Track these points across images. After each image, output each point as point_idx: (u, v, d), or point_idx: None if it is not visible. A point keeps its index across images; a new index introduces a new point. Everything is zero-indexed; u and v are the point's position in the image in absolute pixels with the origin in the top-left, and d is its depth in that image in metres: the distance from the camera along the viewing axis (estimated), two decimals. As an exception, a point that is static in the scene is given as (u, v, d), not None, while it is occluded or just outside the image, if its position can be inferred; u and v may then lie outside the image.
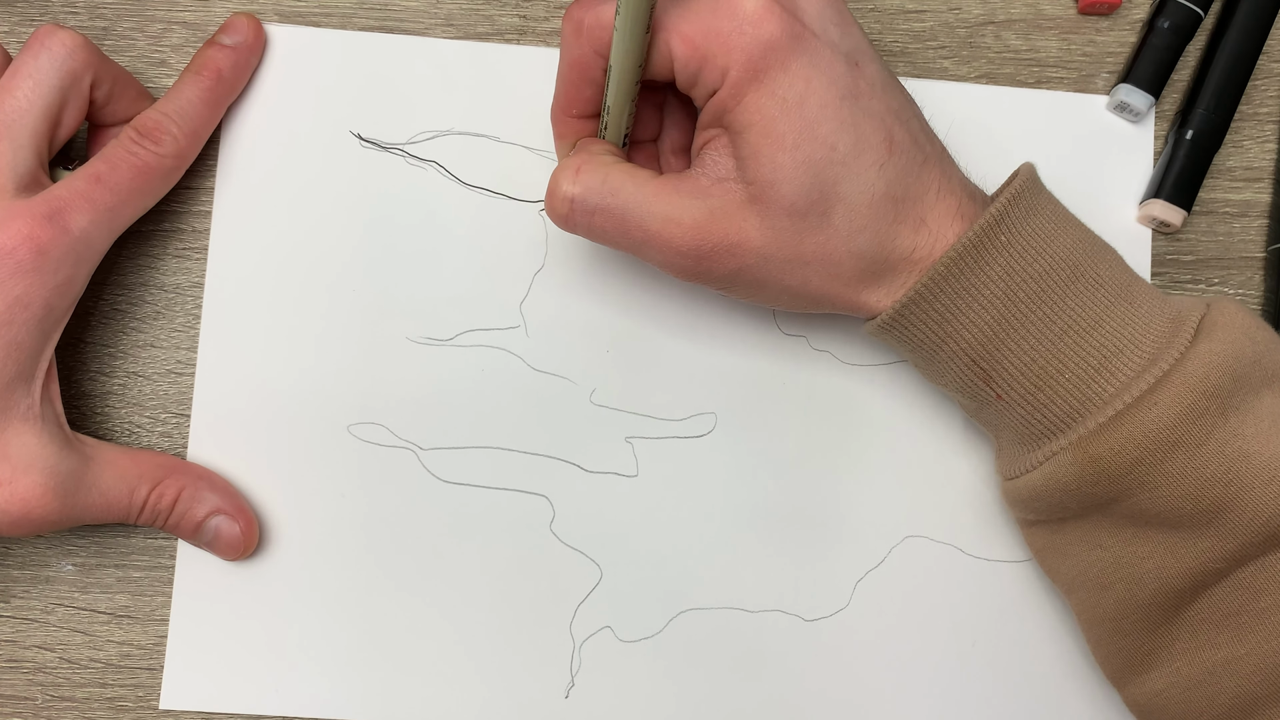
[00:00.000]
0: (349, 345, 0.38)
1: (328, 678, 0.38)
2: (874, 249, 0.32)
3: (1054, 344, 0.31)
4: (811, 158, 0.31)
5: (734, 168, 0.32)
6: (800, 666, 0.38)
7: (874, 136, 0.31)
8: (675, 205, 0.32)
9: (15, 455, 0.32)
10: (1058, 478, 0.32)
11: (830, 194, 0.31)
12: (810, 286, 0.32)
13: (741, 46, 0.30)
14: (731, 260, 0.32)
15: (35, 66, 0.33)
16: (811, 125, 0.31)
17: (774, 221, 0.31)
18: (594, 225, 0.33)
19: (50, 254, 0.32)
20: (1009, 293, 0.31)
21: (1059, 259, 0.31)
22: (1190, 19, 0.39)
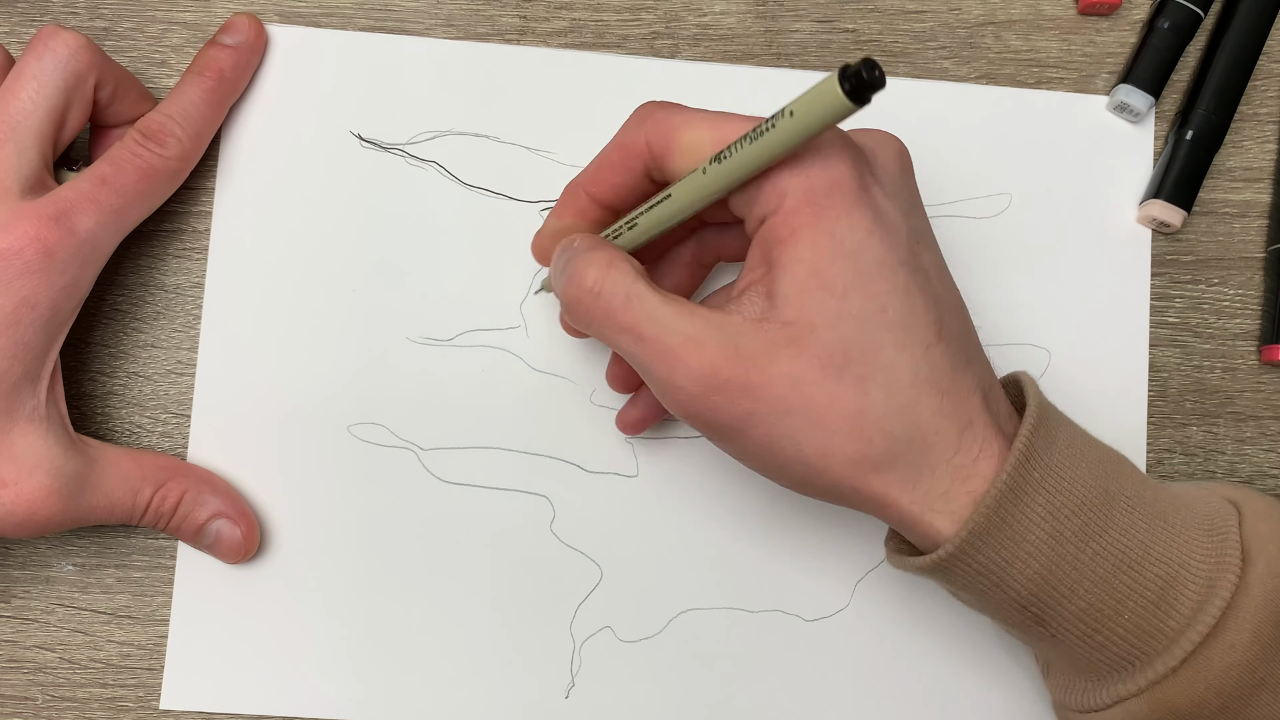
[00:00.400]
0: (349, 345, 0.39)
1: (328, 678, 0.38)
2: (911, 437, 0.28)
3: (1108, 583, 0.29)
4: (860, 311, 0.28)
5: (769, 308, 0.28)
6: (800, 666, 0.38)
7: (926, 315, 0.28)
8: (701, 329, 0.28)
9: (21, 456, 0.32)
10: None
11: (872, 359, 0.28)
12: (832, 459, 0.28)
13: (807, 175, 0.28)
14: (746, 401, 0.28)
15: (39, 68, 0.33)
16: (866, 278, 0.28)
17: (804, 370, 0.28)
18: (612, 322, 0.30)
19: (57, 255, 0.32)
20: (1055, 534, 0.28)
21: (1091, 487, 0.29)
22: (1190, 19, 0.39)
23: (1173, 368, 0.40)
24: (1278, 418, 0.40)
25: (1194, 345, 0.40)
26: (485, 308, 0.39)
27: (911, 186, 0.31)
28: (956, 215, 0.40)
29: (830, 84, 0.26)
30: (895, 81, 0.40)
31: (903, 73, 0.40)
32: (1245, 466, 0.40)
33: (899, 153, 0.31)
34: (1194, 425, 0.40)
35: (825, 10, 0.40)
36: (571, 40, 0.40)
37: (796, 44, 0.40)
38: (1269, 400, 0.40)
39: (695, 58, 0.40)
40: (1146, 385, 0.40)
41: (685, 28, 0.40)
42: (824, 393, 0.28)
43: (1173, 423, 0.40)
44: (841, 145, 0.28)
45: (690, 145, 0.30)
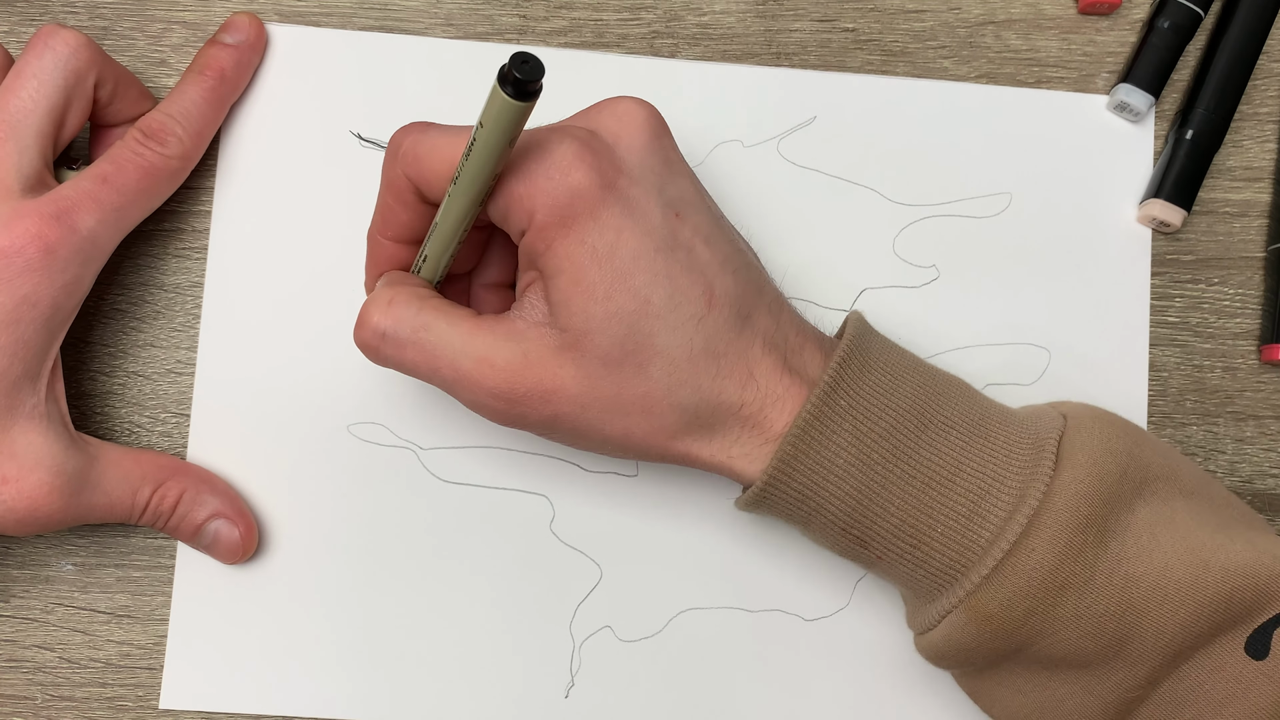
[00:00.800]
0: (349, 345, 0.38)
1: (328, 677, 0.38)
2: (697, 403, 0.30)
3: (919, 499, 0.31)
4: (624, 309, 0.29)
5: (548, 313, 0.30)
6: (800, 666, 0.38)
7: (692, 290, 0.30)
8: (489, 346, 0.30)
9: (22, 453, 0.33)
10: (956, 638, 0.31)
11: (646, 346, 0.30)
12: (633, 438, 0.31)
13: (548, 191, 0.29)
14: (546, 407, 0.30)
15: (39, 66, 0.34)
16: (623, 276, 0.29)
17: (589, 370, 0.30)
18: (404, 360, 0.31)
19: (58, 253, 0.32)
20: (863, 458, 0.30)
21: (903, 411, 0.31)
22: (1190, 19, 0.39)
23: (1173, 367, 0.40)
24: (1278, 417, 0.40)
25: (1194, 345, 0.40)
26: (485, 307, 0.39)
27: (665, 153, 0.31)
28: (956, 215, 0.40)
29: (494, 91, 0.27)
30: (895, 81, 0.40)
31: (903, 72, 0.40)
32: (1245, 466, 0.40)
33: (644, 122, 0.31)
34: (1194, 425, 0.40)
35: (825, 9, 0.40)
36: (571, 40, 0.40)
37: (796, 43, 0.40)
38: (1269, 400, 0.40)
39: (695, 57, 0.40)
40: (1146, 385, 0.40)
41: (685, 27, 0.40)
42: (610, 385, 0.30)
43: (1173, 422, 0.40)
44: (575, 150, 0.29)
45: (438, 168, 0.31)
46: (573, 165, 0.29)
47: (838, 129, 0.40)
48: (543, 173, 0.29)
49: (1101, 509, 0.30)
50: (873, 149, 0.40)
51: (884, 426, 0.31)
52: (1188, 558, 0.30)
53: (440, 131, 0.31)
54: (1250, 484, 0.40)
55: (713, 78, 0.40)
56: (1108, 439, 0.31)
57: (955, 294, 0.40)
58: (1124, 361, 0.40)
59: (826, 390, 0.30)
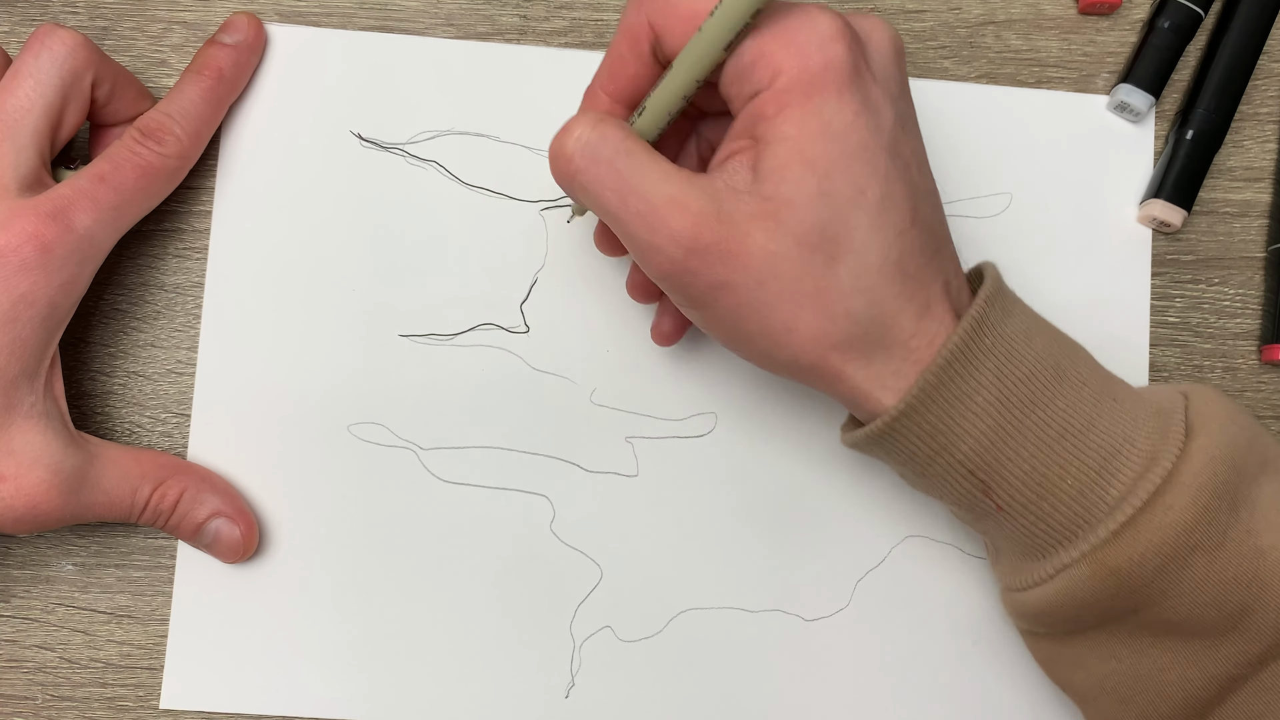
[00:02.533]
0: (349, 345, 0.39)
1: (328, 677, 0.38)
2: (872, 317, 0.29)
3: (1052, 449, 0.30)
4: (838, 191, 0.29)
5: (752, 180, 0.29)
6: (800, 666, 0.38)
7: (904, 201, 0.29)
8: (687, 190, 0.29)
9: (20, 451, 0.33)
10: (1073, 592, 0.30)
11: (844, 239, 0.29)
12: (795, 334, 0.30)
13: (803, 54, 0.28)
14: (722, 269, 0.29)
15: (36, 66, 0.34)
16: (849, 160, 0.29)
17: (780, 244, 0.29)
18: (597, 177, 0.30)
19: (55, 252, 0.32)
20: (1003, 398, 0.30)
21: (1042, 360, 0.30)
22: (1190, 19, 0.39)
23: (1173, 368, 0.40)
24: (1278, 417, 0.40)
25: (1194, 345, 0.40)
26: (485, 307, 0.39)
27: (902, 74, 0.31)
28: (956, 215, 0.40)
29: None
30: (895, 81, 0.40)
31: (903, 72, 0.40)
32: (1245, 466, 0.40)
33: (892, 39, 0.31)
34: (1194, 425, 0.40)
35: (825, 10, 0.40)
36: (571, 40, 0.40)
37: (796, 43, 0.40)
38: (1269, 400, 0.40)
39: (695, 57, 0.40)
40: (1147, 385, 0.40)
41: (685, 27, 0.40)
42: (795, 267, 0.29)
43: (1173, 422, 0.40)
44: (838, 29, 0.29)
45: (688, 15, 0.30)
46: (834, 38, 0.29)
47: (838, 129, 0.40)
48: (802, 35, 0.29)
49: (1234, 477, 0.30)
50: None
51: (1024, 370, 0.30)
52: None
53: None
54: (1250, 484, 0.40)
55: (713, 78, 0.40)
56: (1232, 413, 0.31)
57: (955, 294, 0.40)
58: (1124, 362, 0.40)
59: (973, 325, 0.30)
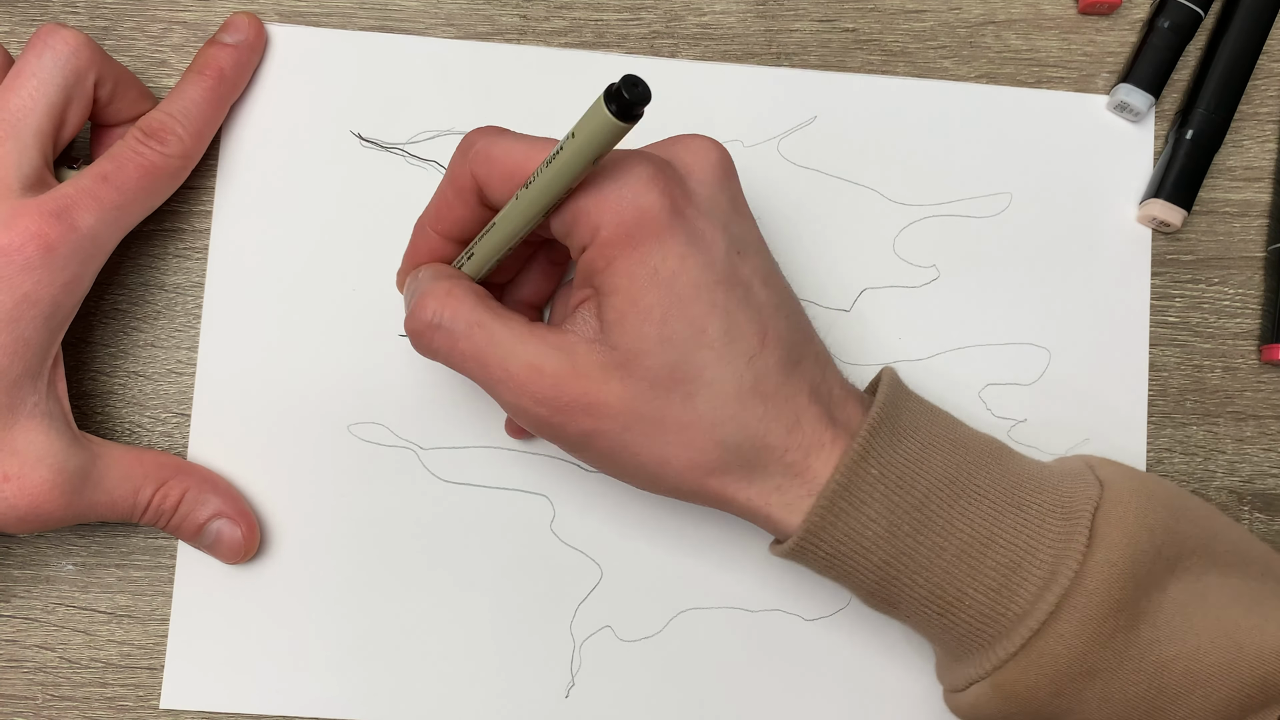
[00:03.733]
0: (349, 345, 0.39)
1: (328, 677, 0.38)
2: (741, 441, 0.30)
3: (950, 571, 0.30)
4: (678, 335, 0.29)
5: (600, 330, 0.30)
6: (800, 666, 0.38)
7: (748, 327, 0.30)
8: (540, 353, 0.30)
9: (24, 451, 0.33)
10: (981, 709, 0.31)
11: (695, 376, 0.29)
12: (670, 466, 0.30)
13: (618, 208, 0.29)
14: (588, 420, 0.30)
15: (39, 65, 0.34)
16: (682, 303, 0.29)
17: (636, 390, 0.29)
18: (454, 351, 0.31)
19: (58, 251, 0.32)
20: (893, 528, 0.30)
21: (936, 479, 0.30)
22: (1190, 19, 0.39)
23: (1173, 367, 0.40)
24: (1278, 417, 0.40)
25: (1194, 345, 0.40)
26: (485, 307, 0.39)
27: (732, 193, 0.32)
28: (956, 215, 0.40)
29: (598, 106, 0.27)
30: (895, 81, 0.40)
31: (903, 72, 0.40)
32: (1245, 466, 0.40)
33: (716, 162, 0.31)
34: (1194, 425, 0.40)
35: (825, 9, 0.40)
36: (571, 40, 0.40)
37: (797, 43, 0.40)
38: (1269, 400, 0.40)
39: (695, 57, 0.40)
40: (1146, 385, 0.40)
41: (685, 27, 0.40)
42: (655, 409, 0.30)
43: (1173, 422, 0.40)
44: (649, 173, 0.29)
45: (508, 172, 0.31)
46: (646, 187, 0.29)
47: (838, 129, 0.40)
48: (614, 190, 0.29)
49: (1134, 591, 0.29)
50: (873, 149, 0.40)
51: (916, 496, 0.30)
52: (1221, 640, 0.30)
53: (516, 138, 0.31)
54: (1250, 484, 0.40)
55: (713, 78, 0.40)
56: (1144, 513, 0.31)
57: (955, 294, 0.40)
58: (1124, 361, 0.40)
59: (856, 459, 0.30)
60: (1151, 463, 0.40)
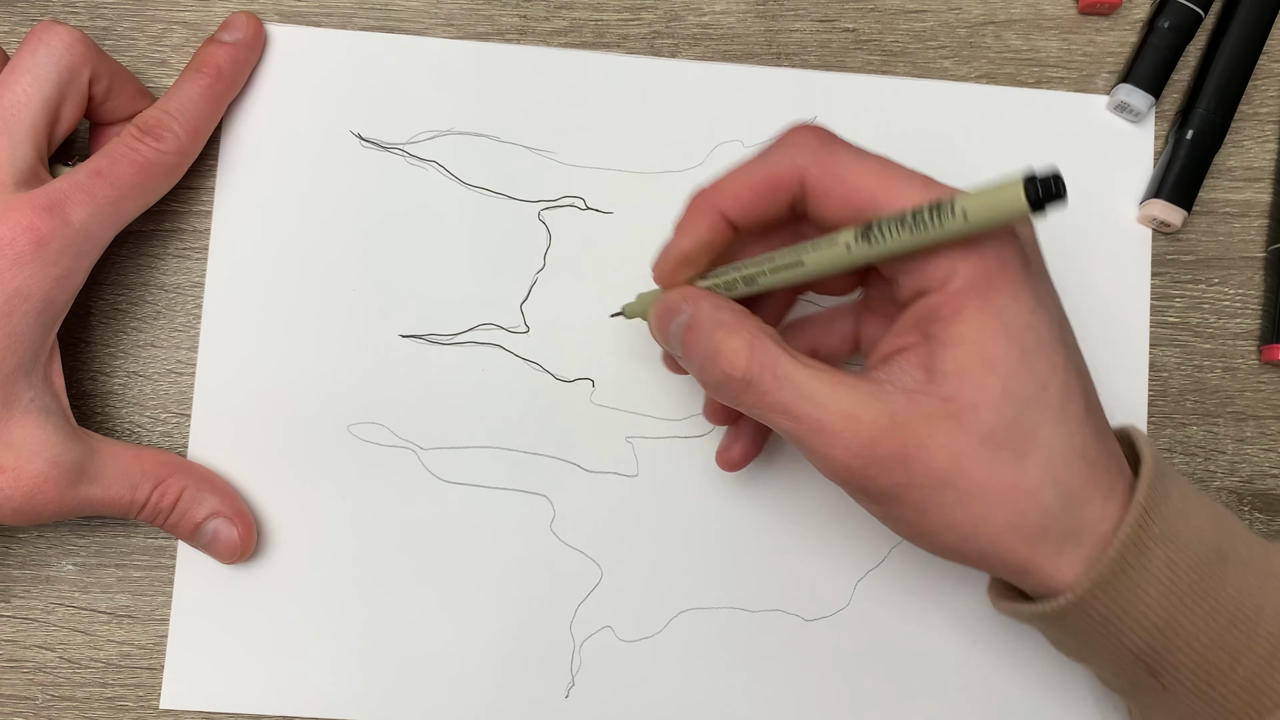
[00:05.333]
0: (349, 345, 0.39)
1: (328, 677, 0.38)
2: (1063, 507, 0.29)
3: (1222, 638, 0.29)
4: (1022, 391, 0.28)
5: (926, 380, 0.29)
6: (800, 666, 0.38)
7: (1078, 389, 0.29)
8: (857, 402, 0.28)
9: (20, 444, 0.33)
10: None
11: (1031, 435, 0.28)
12: (983, 530, 0.29)
13: (980, 257, 0.28)
14: (902, 474, 0.28)
15: (33, 62, 0.34)
16: (1029, 358, 0.28)
17: (963, 446, 0.28)
18: (763, 405, 0.29)
19: (50, 245, 0.32)
20: (1173, 588, 0.29)
21: (1205, 542, 0.29)
22: (1190, 19, 0.39)
23: (1173, 368, 0.40)
24: (1278, 418, 0.40)
25: (1194, 345, 0.40)
26: (485, 307, 0.39)
27: (1041, 254, 0.31)
28: (957, 215, 0.40)
29: (1014, 188, 0.26)
30: (895, 81, 0.40)
31: (903, 72, 0.40)
32: (1245, 466, 0.40)
33: (1033, 227, 0.31)
34: (1194, 425, 0.40)
35: (825, 9, 0.40)
36: (571, 40, 0.40)
37: (797, 43, 0.40)
38: (1269, 400, 0.40)
39: (695, 57, 0.40)
40: (1146, 385, 0.40)
41: (685, 27, 0.40)
42: (982, 467, 0.28)
43: (1173, 423, 0.40)
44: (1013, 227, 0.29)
45: (850, 199, 0.29)
46: (1008, 237, 0.28)
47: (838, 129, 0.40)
48: (977, 238, 0.28)
49: None
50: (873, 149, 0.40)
51: (1191, 557, 0.29)
52: None
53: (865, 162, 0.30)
54: (1250, 484, 0.40)
55: (713, 78, 0.40)
56: None
57: (955, 294, 0.40)
58: (1124, 361, 0.40)
59: (1143, 511, 0.29)
60: (1151, 463, 0.40)
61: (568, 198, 0.39)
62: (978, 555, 0.29)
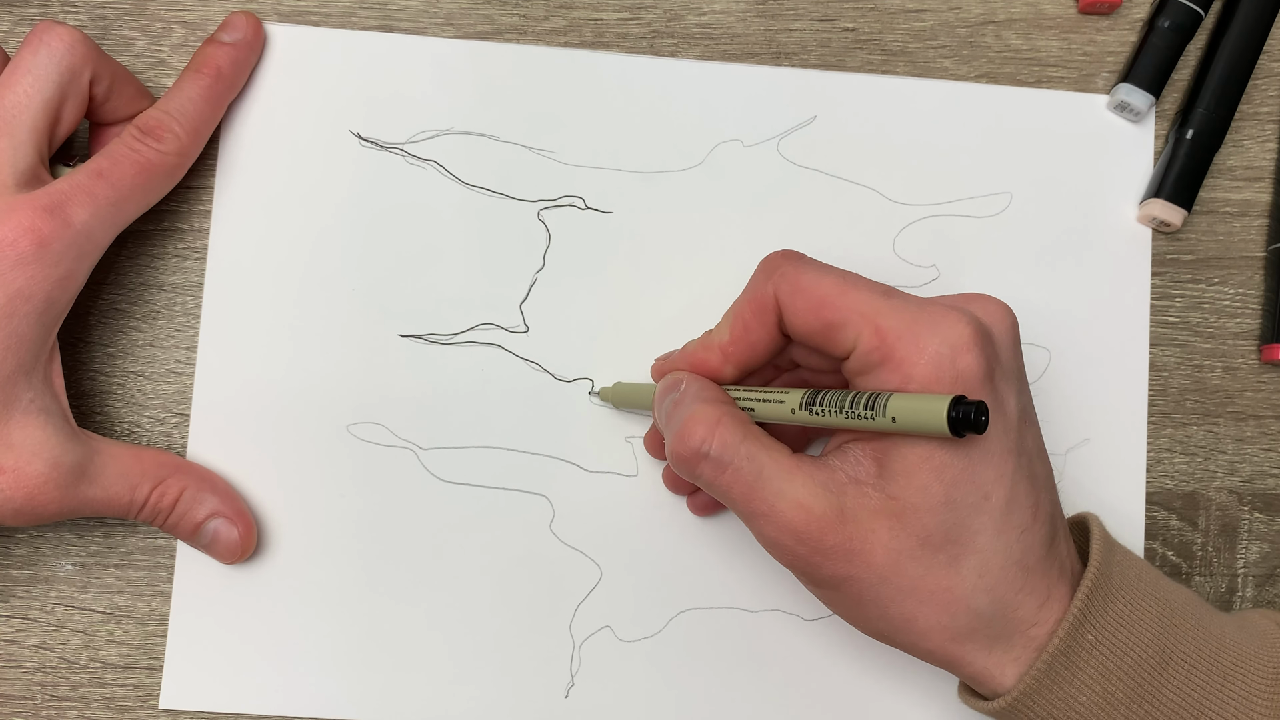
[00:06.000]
0: (349, 345, 0.38)
1: (328, 677, 0.38)
2: (994, 612, 0.30)
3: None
4: (964, 499, 0.29)
5: (876, 474, 0.30)
6: (800, 666, 0.38)
7: (1025, 500, 0.30)
8: (809, 492, 0.29)
9: (19, 445, 0.33)
10: None
11: (968, 541, 0.29)
12: (915, 626, 0.30)
13: (936, 366, 0.29)
14: (845, 566, 0.29)
15: (34, 62, 0.34)
16: (973, 467, 0.29)
17: (903, 544, 0.29)
18: (720, 482, 0.31)
19: (51, 246, 0.32)
20: (1106, 695, 0.30)
21: (1146, 645, 0.30)
22: (1190, 18, 0.39)
23: (1173, 367, 0.40)
24: (1278, 417, 0.40)
25: (1194, 345, 0.40)
26: (485, 307, 0.39)
27: (1019, 360, 0.31)
28: (956, 215, 0.40)
29: (938, 409, 0.27)
30: (895, 81, 0.40)
31: (903, 72, 0.40)
32: (1245, 466, 0.40)
33: (1011, 326, 0.31)
34: (1194, 425, 0.40)
35: (825, 9, 0.40)
36: (571, 39, 0.40)
37: (796, 43, 0.40)
38: (1269, 400, 0.40)
39: (695, 57, 0.40)
40: (1146, 385, 0.40)
41: (685, 27, 0.40)
42: (919, 566, 0.29)
43: (1173, 422, 0.40)
44: (971, 336, 0.29)
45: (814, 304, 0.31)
46: (969, 347, 0.29)
47: (838, 129, 0.40)
48: (936, 347, 0.29)
49: None
50: (873, 149, 0.40)
51: (1129, 664, 0.30)
52: None
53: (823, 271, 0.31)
54: (1250, 484, 0.40)
55: (713, 77, 0.40)
56: None
57: (955, 294, 0.39)
58: (1124, 361, 0.40)
59: (1075, 623, 0.30)
60: (1151, 462, 0.40)
61: (567, 197, 0.39)
62: (909, 646, 0.31)
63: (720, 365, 0.33)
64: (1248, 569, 0.40)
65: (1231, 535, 0.40)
